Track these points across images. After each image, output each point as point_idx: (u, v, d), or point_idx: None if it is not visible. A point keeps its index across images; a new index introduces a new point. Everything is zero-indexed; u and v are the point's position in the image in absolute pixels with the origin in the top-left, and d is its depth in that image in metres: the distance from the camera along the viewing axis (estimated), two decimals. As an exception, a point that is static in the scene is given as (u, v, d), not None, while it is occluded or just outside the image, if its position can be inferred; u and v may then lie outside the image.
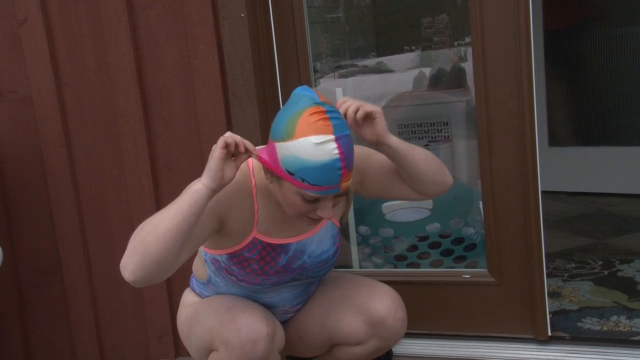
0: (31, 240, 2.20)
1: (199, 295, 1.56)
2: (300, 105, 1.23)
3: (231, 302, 1.43)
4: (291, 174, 1.22)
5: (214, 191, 1.23)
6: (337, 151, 1.20)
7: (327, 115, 1.21)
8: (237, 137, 1.24)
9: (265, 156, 1.26)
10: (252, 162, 1.39)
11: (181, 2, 1.91)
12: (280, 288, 1.48)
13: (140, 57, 1.98)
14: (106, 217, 2.11)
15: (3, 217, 2.20)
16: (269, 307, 1.51)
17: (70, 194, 2.12)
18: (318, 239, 1.45)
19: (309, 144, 1.19)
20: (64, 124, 2.08)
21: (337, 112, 1.24)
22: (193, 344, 1.48)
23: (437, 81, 3.28)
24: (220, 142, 1.23)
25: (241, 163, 1.26)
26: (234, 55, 1.89)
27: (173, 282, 2.07)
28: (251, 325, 1.33)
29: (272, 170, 1.26)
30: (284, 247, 1.41)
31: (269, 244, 1.40)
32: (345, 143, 1.21)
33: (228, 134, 1.24)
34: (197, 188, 1.23)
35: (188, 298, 1.58)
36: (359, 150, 1.41)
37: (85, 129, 2.08)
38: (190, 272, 1.62)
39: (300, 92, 1.26)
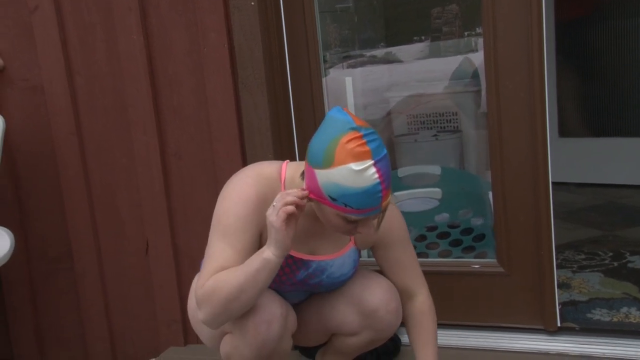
0: (42, 228, 2.22)
1: None
2: (337, 131, 1.23)
3: None
4: (334, 199, 1.24)
5: (284, 256, 1.28)
6: (376, 175, 1.22)
7: (364, 140, 1.22)
8: (291, 199, 1.24)
9: (309, 183, 1.28)
10: (284, 174, 1.39)
11: (191, -9, 1.91)
12: (291, 292, 1.50)
13: (150, 46, 1.98)
14: (116, 205, 2.12)
15: (15, 205, 2.21)
16: None
17: (80, 182, 2.13)
18: (340, 263, 1.46)
19: (350, 172, 1.21)
20: (74, 112, 2.09)
21: (373, 134, 1.24)
22: (205, 329, 1.49)
23: (460, 83, 3.24)
24: (281, 215, 1.23)
25: (297, 218, 1.27)
26: (244, 44, 1.89)
27: (182, 270, 2.08)
28: (265, 306, 1.34)
29: (315, 197, 1.27)
30: (305, 263, 1.43)
31: (291, 257, 1.41)
32: (383, 165, 1.23)
33: (282, 200, 1.24)
34: (269, 259, 1.26)
35: None
36: (389, 217, 1.44)
37: (95, 117, 2.09)
38: (200, 258, 1.63)
39: (335, 115, 1.26)
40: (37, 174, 2.19)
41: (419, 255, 2.21)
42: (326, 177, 1.23)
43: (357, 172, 1.21)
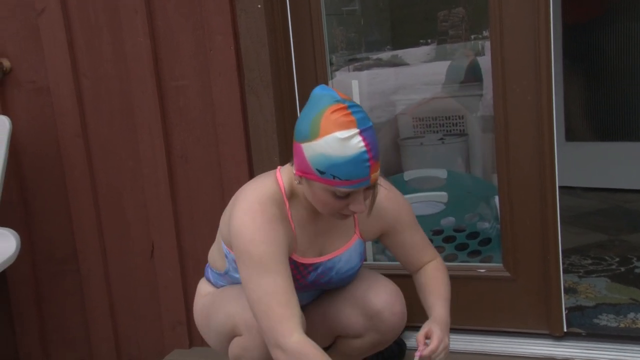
0: (48, 229, 2.22)
1: (214, 285, 1.57)
2: (322, 104, 1.24)
3: None
4: (322, 172, 1.24)
5: None
6: (362, 144, 1.21)
7: (349, 111, 1.23)
8: None
9: (297, 161, 1.28)
10: (280, 180, 1.38)
11: (198, -7, 1.91)
12: (302, 292, 1.49)
13: (156, 48, 1.98)
14: (122, 207, 2.12)
15: (20, 206, 2.22)
16: None
17: (86, 183, 2.13)
18: (347, 257, 1.46)
19: (335, 140, 1.21)
20: (80, 114, 2.10)
21: (358, 106, 1.26)
22: (212, 331, 1.48)
23: (460, 78, 3.24)
24: None
25: None
26: (250, 46, 1.89)
27: (187, 272, 2.08)
28: None
29: (303, 174, 1.27)
30: (314, 266, 1.43)
31: (302, 264, 1.41)
32: (369, 135, 1.23)
33: None
34: None
35: (204, 288, 1.59)
36: (393, 204, 1.46)
37: (101, 119, 2.09)
38: (205, 262, 1.63)
39: (319, 91, 1.27)
40: (43, 175, 2.19)
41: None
42: (312, 149, 1.23)
43: (343, 140, 1.21)
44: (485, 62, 3.03)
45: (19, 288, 2.28)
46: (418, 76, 3.76)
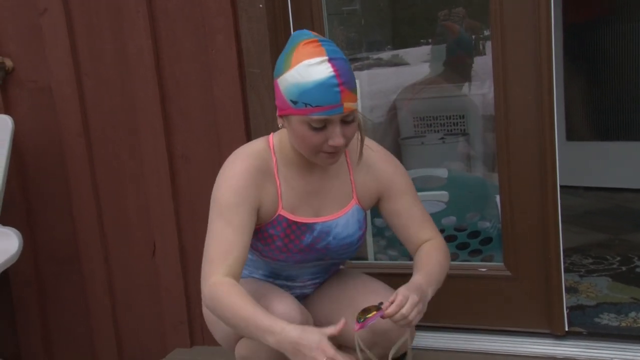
0: (50, 229, 2.23)
1: None
2: (295, 41, 1.30)
3: (264, 289, 1.44)
4: (295, 102, 1.27)
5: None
6: (331, 69, 1.25)
7: (320, 43, 1.27)
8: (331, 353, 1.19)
9: (277, 102, 1.32)
10: (272, 139, 1.44)
11: (199, -7, 1.91)
12: (303, 266, 1.49)
13: (158, 48, 1.98)
14: (124, 207, 2.13)
15: (23, 206, 2.22)
16: (289, 279, 1.52)
17: (88, 183, 2.14)
18: (344, 222, 1.45)
19: (304, 67, 1.25)
20: (82, 114, 2.10)
21: (330, 42, 1.30)
22: (220, 329, 1.49)
23: (450, 54, 3.23)
24: None
25: None
26: (251, 46, 1.89)
27: (189, 272, 2.08)
28: (285, 312, 1.33)
29: (281, 111, 1.32)
30: (309, 227, 1.42)
31: (294, 222, 1.41)
32: (339, 64, 1.26)
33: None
34: (269, 339, 1.25)
35: None
36: (389, 166, 1.48)
37: (103, 119, 2.10)
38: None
39: (296, 32, 1.34)
40: (45, 174, 2.20)
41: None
42: (286, 81, 1.28)
43: (311, 65, 1.25)
44: (486, 62, 3.04)
45: (21, 288, 2.29)
46: (418, 75, 3.76)
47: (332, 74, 1.25)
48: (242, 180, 1.36)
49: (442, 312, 1.89)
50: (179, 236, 2.06)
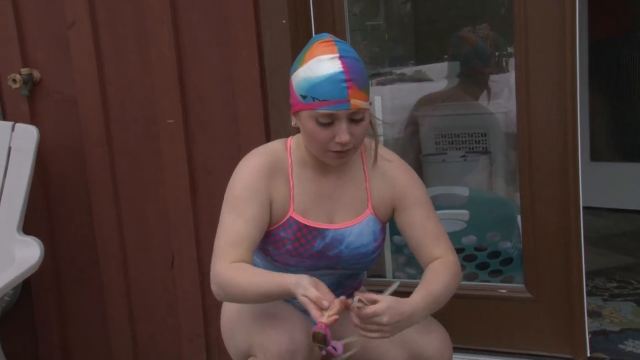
0: (71, 237, 2.25)
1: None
2: (313, 42, 1.35)
3: (274, 307, 1.42)
4: (304, 97, 1.30)
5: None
6: (340, 65, 1.27)
7: (333, 42, 1.31)
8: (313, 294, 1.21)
9: (291, 100, 1.36)
10: (290, 141, 1.46)
11: (224, 7, 1.92)
12: (314, 274, 1.47)
13: (181, 59, 2.00)
14: (144, 216, 2.14)
15: (45, 214, 2.25)
16: None
17: (109, 193, 2.15)
18: (357, 231, 1.44)
19: (315, 62, 1.29)
20: (105, 123, 2.12)
21: (345, 43, 1.34)
22: (233, 345, 1.48)
23: (467, 65, 3.20)
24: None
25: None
26: (274, 62, 1.90)
27: (206, 284, 2.06)
28: (291, 335, 1.32)
29: (293, 108, 1.35)
30: (320, 232, 1.41)
31: (305, 226, 1.40)
32: (350, 62, 1.29)
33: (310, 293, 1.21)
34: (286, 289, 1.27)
35: None
36: (405, 175, 1.47)
37: (126, 128, 2.12)
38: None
39: (316, 36, 1.40)
40: (67, 183, 2.22)
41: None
42: (298, 76, 1.33)
43: (321, 61, 1.29)
44: (508, 79, 3.01)
45: (42, 295, 2.31)
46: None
47: (341, 69, 1.27)
48: (255, 174, 1.39)
49: (460, 332, 1.86)
50: (197, 248, 2.07)
